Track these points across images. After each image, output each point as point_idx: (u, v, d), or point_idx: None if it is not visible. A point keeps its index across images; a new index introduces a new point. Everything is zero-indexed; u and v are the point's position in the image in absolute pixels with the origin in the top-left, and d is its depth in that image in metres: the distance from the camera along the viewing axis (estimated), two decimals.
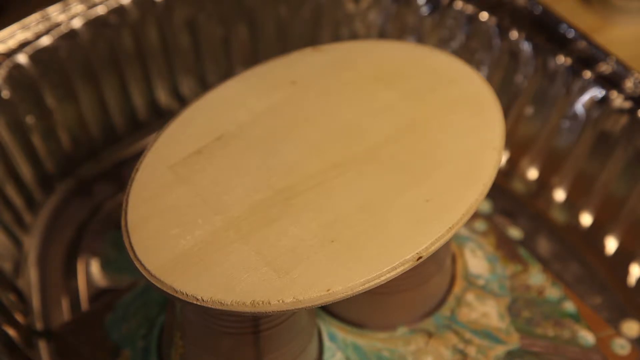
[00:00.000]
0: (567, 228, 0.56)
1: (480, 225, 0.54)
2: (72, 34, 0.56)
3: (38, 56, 0.54)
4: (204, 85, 0.62)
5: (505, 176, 0.58)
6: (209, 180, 0.40)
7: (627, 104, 0.52)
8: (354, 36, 0.62)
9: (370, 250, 0.37)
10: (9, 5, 0.57)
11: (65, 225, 0.57)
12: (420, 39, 0.60)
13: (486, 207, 0.57)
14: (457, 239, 0.52)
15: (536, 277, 0.52)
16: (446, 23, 0.59)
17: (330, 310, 0.48)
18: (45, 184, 0.57)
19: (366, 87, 0.45)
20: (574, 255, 0.55)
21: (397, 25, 0.61)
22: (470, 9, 0.58)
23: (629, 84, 0.53)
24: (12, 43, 0.54)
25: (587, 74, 0.54)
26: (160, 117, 0.61)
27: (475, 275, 0.51)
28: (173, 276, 0.36)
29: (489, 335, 0.48)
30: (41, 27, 0.55)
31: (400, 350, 0.47)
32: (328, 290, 0.36)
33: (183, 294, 0.36)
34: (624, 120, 0.52)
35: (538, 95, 0.56)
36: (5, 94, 0.53)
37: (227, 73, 0.61)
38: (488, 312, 0.49)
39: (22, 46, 0.54)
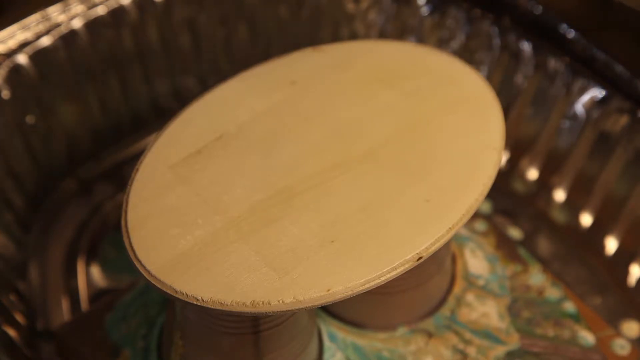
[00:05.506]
0: (567, 228, 0.56)
1: (480, 225, 0.54)
2: (72, 34, 0.56)
3: (38, 56, 0.54)
4: (204, 85, 0.62)
5: (505, 176, 0.58)
6: (209, 180, 0.40)
7: (627, 104, 0.52)
8: (354, 36, 0.62)
9: (370, 250, 0.37)
10: (9, 5, 0.57)
11: (65, 225, 0.57)
12: (420, 39, 0.60)
13: (486, 207, 0.57)
14: (457, 239, 0.52)
15: (536, 277, 0.52)
16: (446, 23, 0.59)
17: (330, 310, 0.48)
18: (45, 184, 0.57)
19: (366, 87, 0.45)
20: (574, 255, 0.55)
21: (397, 25, 0.61)
22: (470, 9, 0.58)
23: (629, 84, 0.53)
24: (12, 43, 0.54)
25: (587, 74, 0.54)
26: (160, 117, 0.61)
27: (475, 276, 0.51)
28: (173, 276, 0.36)
29: (489, 335, 0.48)
30: (41, 28, 0.55)
31: (400, 351, 0.47)
32: (328, 290, 0.36)
33: (183, 294, 0.36)
34: (624, 120, 0.52)
35: (538, 95, 0.56)
36: (5, 94, 0.53)
37: (227, 73, 0.61)
38: (488, 312, 0.49)
39: (22, 46, 0.54)
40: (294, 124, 0.43)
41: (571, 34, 0.55)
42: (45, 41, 0.55)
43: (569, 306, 0.50)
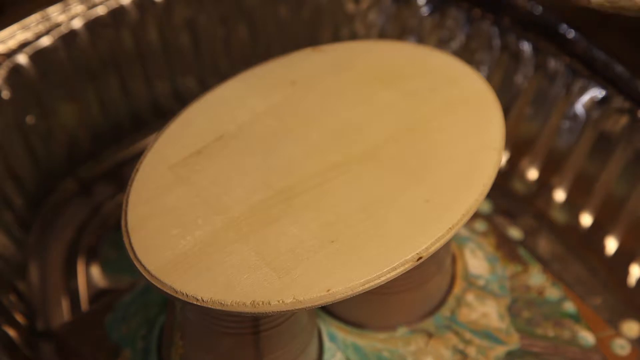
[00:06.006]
0: (567, 228, 0.56)
1: (480, 225, 0.54)
2: (72, 34, 0.56)
3: (38, 56, 0.54)
4: (204, 85, 0.62)
5: (505, 176, 0.58)
6: (209, 180, 0.40)
7: (627, 104, 0.52)
8: (354, 36, 0.62)
9: (370, 250, 0.37)
10: (9, 5, 0.57)
11: (65, 225, 0.57)
12: (420, 39, 0.60)
13: (486, 207, 0.57)
14: (457, 239, 0.52)
15: (536, 277, 0.52)
16: (446, 23, 0.59)
17: (331, 310, 0.48)
18: (45, 184, 0.57)
19: (366, 87, 0.45)
20: (574, 255, 0.55)
21: (397, 25, 0.61)
22: (470, 9, 0.58)
23: (629, 84, 0.53)
24: (12, 43, 0.54)
25: (587, 74, 0.54)
26: (161, 117, 0.61)
27: (475, 276, 0.51)
28: (173, 276, 0.36)
29: (489, 335, 0.48)
30: (41, 28, 0.55)
31: (400, 351, 0.47)
32: (328, 290, 0.36)
33: (183, 294, 0.36)
34: (624, 120, 0.52)
35: (538, 95, 0.56)
36: (5, 94, 0.53)
37: (227, 73, 0.61)
38: (488, 312, 0.49)
39: (22, 46, 0.54)
40: (294, 124, 0.43)
41: (571, 34, 0.55)
42: (45, 41, 0.55)
43: (569, 306, 0.50)
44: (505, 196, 0.58)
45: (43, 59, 0.55)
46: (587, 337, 0.49)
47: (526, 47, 0.56)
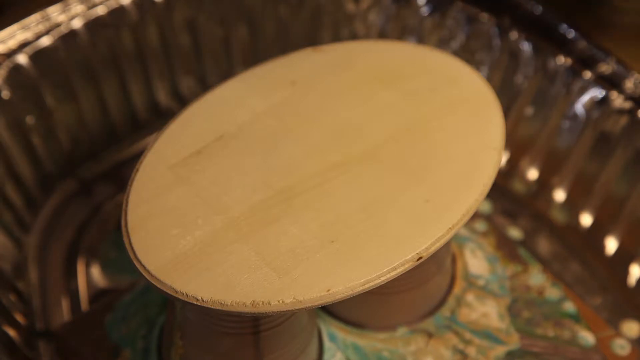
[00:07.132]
0: (567, 228, 0.56)
1: (480, 225, 0.54)
2: (72, 34, 0.56)
3: (38, 56, 0.55)
4: (204, 85, 0.62)
5: (505, 176, 0.58)
6: (209, 180, 0.40)
7: (627, 104, 0.52)
8: (354, 36, 0.62)
9: (370, 250, 0.37)
10: (9, 5, 0.57)
11: (65, 225, 0.57)
12: (420, 39, 0.60)
13: (486, 207, 0.57)
14: (457, 239, 0.52)
15: (536, 277, 0.52)
16: (446, 23, 0.59)
17: (331, 310, 0.48)
18: (45, 184, 0.57)
19: (366, 87, 0.45)
20: (574, 255, 0.55)
21: (397, 25, 0.61)
22: (470, 9, 0.58)
23: (629, 84, 0.53)
24: (12, 43, 0.54)
25: (587, 74, 0.54)
26: (160, 117, 0.61)
27: (475, 276, 0.51)
28: (173, 276, 0.36)
29: (489, 335, 0.48)
30: (41, 28, 0.55)
31: (400, 351, 0.47)
32: (328, 290, 0.36)
33: (183, 294, 0.36)
34: (624, 120, 0.53)
35: (538, 95, 0.56)
36: (5, 94, 0.53)
37: (227, 73, 0.61)
38: (488, 312, 0.49)
39: (22, 46, 0.54)
40: (294, 124, 0.43)
41: (571, 34, 0.55)
42: (45, 41, 0.55)
43: (569, 306, 0.50)
44: (505, 196, 0.58)
45: (43, 59, 0.55)
46: (587, 337, 0.49)
47: (526, 47, 0.56)
